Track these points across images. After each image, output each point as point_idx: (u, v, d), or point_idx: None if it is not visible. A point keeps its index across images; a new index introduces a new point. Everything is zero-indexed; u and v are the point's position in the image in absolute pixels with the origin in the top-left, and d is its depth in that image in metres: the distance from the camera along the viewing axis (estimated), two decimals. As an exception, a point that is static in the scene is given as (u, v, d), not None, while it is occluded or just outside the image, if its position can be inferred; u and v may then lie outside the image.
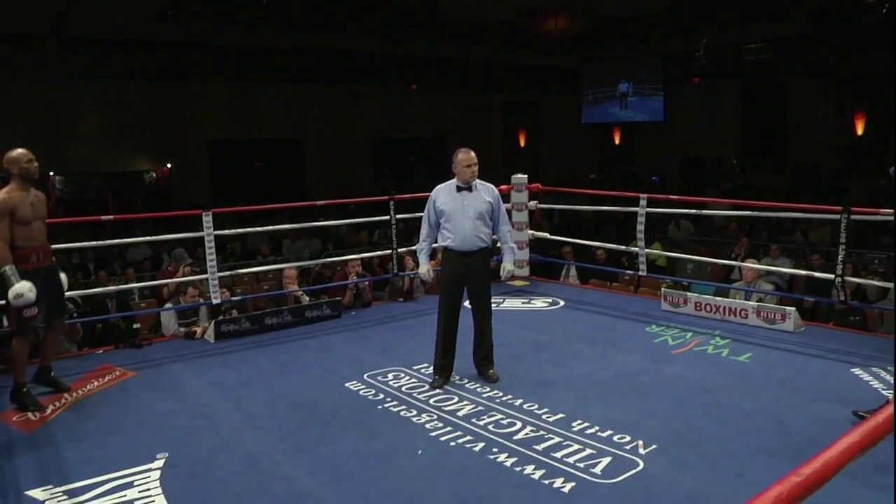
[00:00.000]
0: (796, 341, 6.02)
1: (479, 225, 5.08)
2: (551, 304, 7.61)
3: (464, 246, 5.08)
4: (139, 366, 5.90)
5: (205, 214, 6.64)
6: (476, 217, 5.07)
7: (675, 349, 5.91)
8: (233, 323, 6.70)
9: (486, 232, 5.14)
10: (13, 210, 4.76)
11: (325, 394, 5.04)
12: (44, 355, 5.30)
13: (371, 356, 5.90)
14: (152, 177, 19.05)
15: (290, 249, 13.50)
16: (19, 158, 4.89)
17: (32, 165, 4.93)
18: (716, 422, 4.34)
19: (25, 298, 4.65)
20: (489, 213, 5.15)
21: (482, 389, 5.00)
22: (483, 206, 5.10)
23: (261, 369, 5.68)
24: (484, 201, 5.12)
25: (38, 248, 4.92)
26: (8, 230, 4.74)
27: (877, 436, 1.54)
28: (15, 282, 4.64)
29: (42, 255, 4.96)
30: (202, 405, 4.93)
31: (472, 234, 5.06)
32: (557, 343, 6.17)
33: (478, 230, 5.08)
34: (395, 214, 7.72)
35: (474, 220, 5.06)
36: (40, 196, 5.06)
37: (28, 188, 4.92)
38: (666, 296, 7.20)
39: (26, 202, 4.85)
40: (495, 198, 5.22)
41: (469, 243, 5.07)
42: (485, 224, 5.12)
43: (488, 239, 5.18)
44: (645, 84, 22.34)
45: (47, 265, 5.01)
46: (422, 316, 7.20)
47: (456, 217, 5.07)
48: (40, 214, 4.99)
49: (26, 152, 4.94)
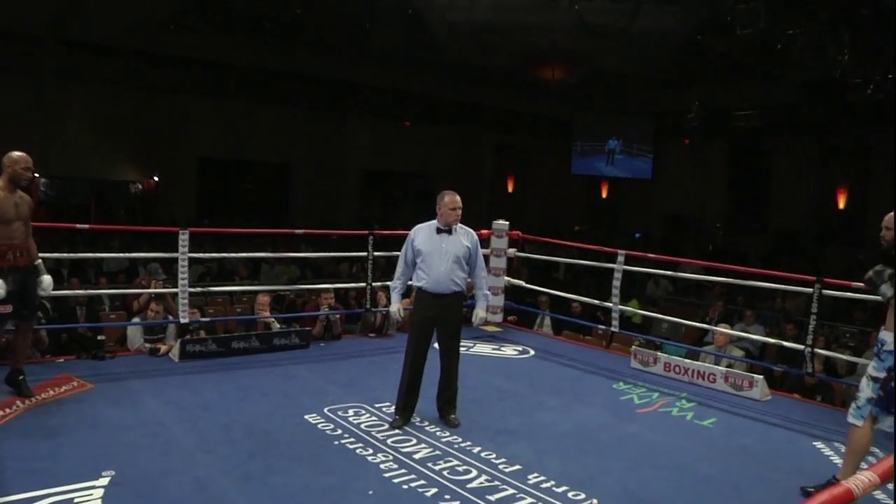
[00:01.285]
0: (761, 409, 6.02)
1: (455, 268, 5.07)
2: (521, 353, 7.57)
3: (437, 288, 5.05)
4: (99, 378, 5.80)
5: (181, 233, 6.59)
6: (453, 261, 5.05)
7: (640, 408, 5.88)
8: (199, 343, 6.62)
9: (462, 276, 5.13)
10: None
11: (283, 424, 4.97)
12: (16, 357, 5.28)
13: (334, 389, 5.84)
14: (138, 188, 18.92)
15: (267, 275, 13.41)
16: (17, 161, 4.98)
17: (27, 174, 5.03)
18: (672, 484, 4.31)
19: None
20: (466, 258, 5.14)
21: (441, 433, 4.95)
22: (461, 251, 5.10)
23: (221, 393, 5.60)
24: (462, 245, 5.12)
25: (15, 246, 4.97)
26: None
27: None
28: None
29: (19, 254, 5.00)
30: (157, 424, 4.84)
31: (446, 276, 5.04)
32: (522, 392, 6.13)
33: (453, 273, 5.06)
34: (374, 251, 7.69)
35: (451, 264, 5.05)
36: (25, 198, 5.12)
37: (14, 190, 5.00)
38: (636, 354, 7.19)
39: (9, 202, 4.92)
40: (474, 243, 5.22)
41: (443, 286, 5.04)
42: (461, 268, 5.11)
43: (463, 283, 5.16)
44: (633, 143, 22.56)
45: (24, 264, 5.06)
46: (391, 353, 7.14)
47: (433, 258, 5.05)
48: (22, 216, 5.03)
49: (26, 159, 5.03)
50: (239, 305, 10.48)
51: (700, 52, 15.08)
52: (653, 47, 14.94)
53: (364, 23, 14.71)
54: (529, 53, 16.19)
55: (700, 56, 15.41)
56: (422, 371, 5.16)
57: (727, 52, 14.21)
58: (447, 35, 14.93)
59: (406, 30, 15.03)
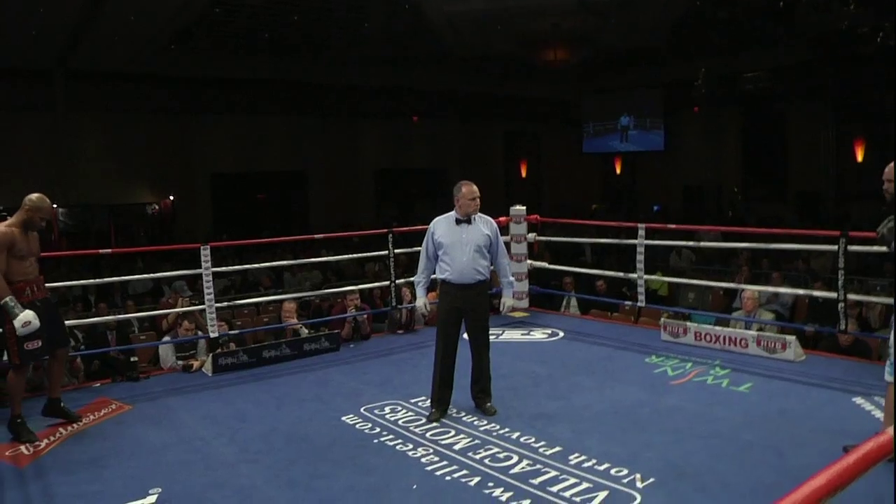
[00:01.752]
0: (797, 370, 5.97)
1: (478, 258, 5.08)
2: (550, 336, 7.56)
3: (462, 279, 5.06)
4: (136, 399, 5.86)
5: (203, 248, 6.64)
6: (475, 250, 5.06)
7: (674, 380, 5.85)
8: (230, 356, 6.67)
9: (484, 265, 5.14)
10: (11, 245, 4.87)
11: (321, 427, 4.99)
12: (51, 387, 5.33)
13: (368, 389, 5.86)
14: (155, 209, 19.12)
15: (290, 282, 13.49)
16: (39, 209, 5.01)
17: (42, 223, 5.09)
18: (714, 454, 4.28)
19: (33, 326, 4.78)
20: (487, 247, 5.15)
21: (479, 423, 4.95)
22: (482, 240, 5.10)
23: (257, 403, 5.64)
24: (483, 234, 5.12)
25: (31, 281, 5.02)
26: (4, 263, 4.83)
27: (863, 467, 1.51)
28: (19, 312, 4.76)
29: (36, 288, 5.05)
30: (197, 439, 4.89)
31: (470, 266, 5.05)
32: (556, 375, 6.12)
33: (476, 263, 5.07)
34: (395, 248, 7.71)
35: (472, 253, 5.05)
36: (34, 235, 5.17)
37: (27, 231, 5.04)
38: (666, 326, 7.16)
39: (24, 238, 4.99)
40: (494, 231, 5.23)
41: (467, 276, 5.06)
42: (483, 257, 5.12)
43: (486, 272, 5.16)
44: (646, 117, 22.44)
45: (42, 297, 5.10)
46: (420, 348, 7.15)
47: (454, 250, 5.06)
48: (34, 251, 5.10)
49: (47, 209, 5.09)
50: (265, 315, 10.54)
51: (703, 20, 14.95)
52: (653, 19, 14.84)
53: (363, 23, 14.73)
54: (530, 38, 16.15)
55: (703, 23, 15.28)
56: (453, 362, 5.17)
57: (729, 17, 14.08)
58: (447, 27, 14.92)
59: (406, 26, 15.04)
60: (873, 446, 1.59)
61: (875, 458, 1.56)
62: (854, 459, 1.53)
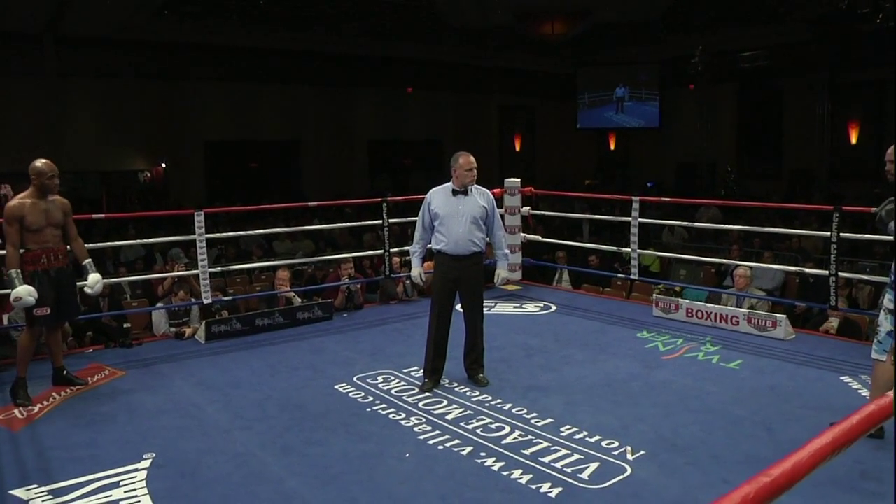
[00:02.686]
0: (787, 348, 6.03)
1: (473, 229, 5.08)
2: (543, 309, 7.60)
3: (457, 250, 5.07)
4: (129, 365, 5.89)
5: (196, 214, 6.64)
6: (471, 221, 5.07)
7: (665, 355, 5.91)
8: (223, 324, 6.69)
9: (480, 236, 5.14)
10: (22, 217, 4.94)
11: (315, 395, 5.03)
12: (53, 356, 5.37)
13: (361, 358, 5.90)
14: (147, 176, 19.00)
15: (282, 250, 13.47)
16: (43, 172, 5.04)
17: (53, 182, 5.08)
18: (704, 428, 4.34)
19: (24, 302, 4.83)
20: (483, 218, 5.15)
21: (471, 393, 5.00)
22: (478, 211, 5.11)
23: (251, 370, 5.67)
24: (479, 206, 5.12)
25: (48, 249, 5.07)
26: (17, 235, 4.93)
27: (848, 438, 1.55)
28: (18, 285, 4.83)
29: (54, 257, 5.10)
30: (191, 405, 4.92)
31: (465, 238, 5.06)
32: (548, 348, 6.17)
33: (472, 234, 5.08)
34: (389, 217, 7.71)
35: (468, 225, 5.06)
36: (59, 202, 5.19)
37: (45, 196, 5.08)
38: (657, 301, 7.20)
39: (38, 209, 5.02)
40: (490, 202, 5.23)
41: (462, 247, 5.07)
42: (479, 228, 5.12)
43: (482, 243, 5.17)
44: (641, 89, 22.37)
45: (58, 267, 5.13)
46: (413, 319, 7.19)
47: (450, 221, 5.07)
48: (54, 220, 5.11)
49: (51, 167, 5.07)
50: (258, 283, 10.55)
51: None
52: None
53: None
54: (527, 11, 16.04)
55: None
56: (447, 333, 5.20)
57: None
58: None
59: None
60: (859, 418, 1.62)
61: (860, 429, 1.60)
62: (840, 430, 1.57)
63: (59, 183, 5.15)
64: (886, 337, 3.95)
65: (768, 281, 9.68)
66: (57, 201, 5.17)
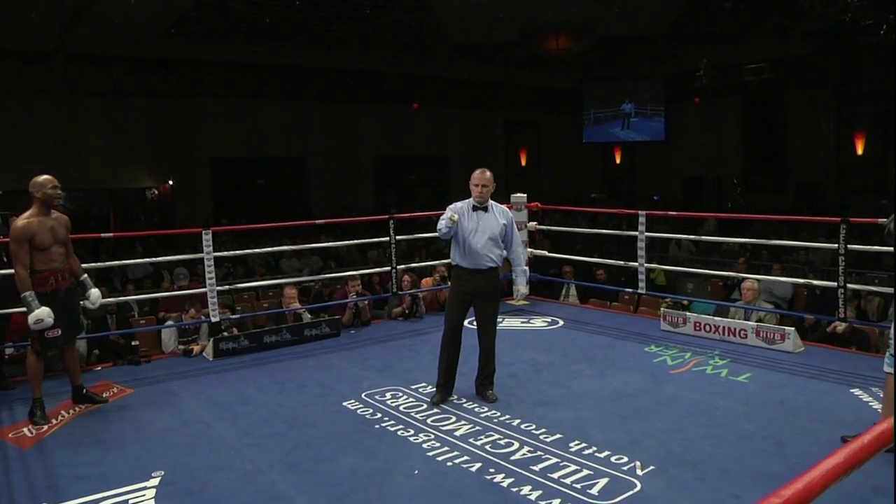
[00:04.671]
0: (796, 361, 6.00)
1: (491, 246, 5.17)
2: (550, 324, 7.61)
3: (473, 264, 5.16)
4: (137, 383, 5.90)
5: (204, 233, 6.66)
6: (489, 237, 5.16)
7: (673, 369, 5.90)
8: (231, 341, 6.70)
9: (497, 252, 5.22)
10: (32, 237, 4.93)
11: (323, 412, 5.03)
12: (72, 374, 5.39)
13: (369, 375, 5.90)
14: (154, 193, 19.08)
15: (289, 267, 13.49)
16: (44, 184, 5.02)
17: (56, 192, 5.07)
18: (714, 443, 4.32)
19: (45, 324, 4.86)
20: (502, 236, 5.25)
21: (480, 409, 4.99)
22: (497, 228, 5.20)
23: (259, 387, 5.67)
24: (498, 223, 5.22)
25: (56, 270, 5.06)
26: (27, 255, 4.91)
27: (862, 456, 1.53)
28: (35, 308, 4.83)
29: (61, 277, 5.09)
30: (199, 423, 4.92)
31: (482, 253, 5.15)
32: (556, 363, 6.16)
33: (489, 251, 5.16)
34: (396, 234, 7.73)
35: (486, 241, 5.16)
36: (62, 219, 5.19)
37: (49, 213, 5.07)
38: (665, 315, 7.20)
39: (45, 227, 5.00)
40: (509, 220, 5.33)
41: (478, 262, 5.16)
42: (496, 245, 5.21)
43: (498, 259, 5.25)
44: (647, 105, 22.43)
45: (66, 286, 5.15)
46: (421, 335, 7.20)
47: (469, 236, 5.16)
48: (60, 238, 5.11)
49: (51, 179, 5.07)
50: (265, 301, 10.56)
51: (705, 9, 14.91)
52: (656, 8, 14.80)
53: (365, 9, 14.68)
54: (532, 25, 16.11)
55: (706, 13, 15.24)
56: (458, 347, 5.25)
57: (732, 6, 14.04)
58: (449, 13, 14.87)
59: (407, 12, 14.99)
60: (872, 436, 1.61)
61: (874, 447, 1.59)
62: (853, 449, 1.55)
63: (62, 195, 5.15)
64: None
65: (777, 293, 9.66)
66: (60, 218, 5.17)
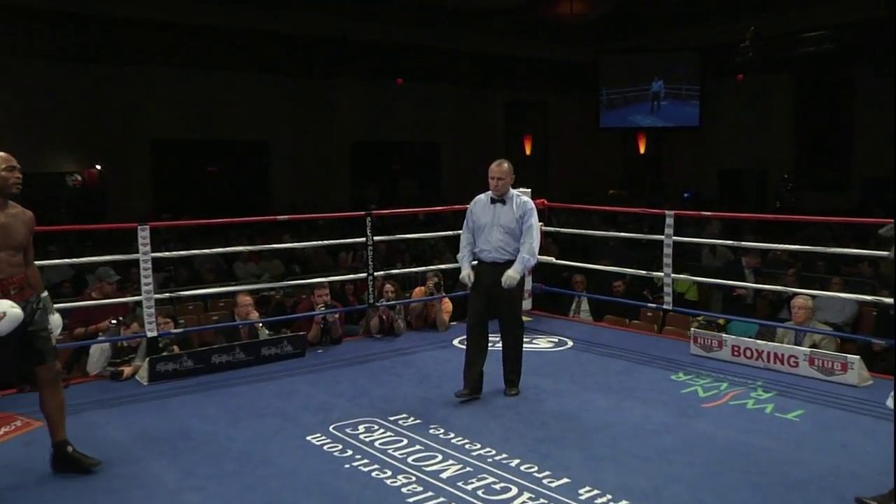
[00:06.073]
0: (861, 397, 5.96)
1: (507, 239, 5.95)
2: (557, 345, 7.63)
3: (490, 258, 5.97)
4: (52, 413, 5.79)
5: (140, 229, 6.60)
6: (505, 231, 5.95)
7: (706, 402, 5.89)
8: (172, 361, 6.64)
9: (515, 246, 5.94)
10: None
11: (282, 448, 5.01)
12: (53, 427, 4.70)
13: (340, 403, 5.88)
14: (77, 180, 18.82)
15: (244, 273, 13.42)
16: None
17: (12, 176, 4.39)
18: (756, 493, 4.29)
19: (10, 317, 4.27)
20: (518, 228, 5.96)
21: (472, 446, 4.96)
22: (511, 222, 5.95)
23: (205, 417, 5.64)
24: (513, 217, 5.96)
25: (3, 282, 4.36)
26: None
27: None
28: None
29: (6, 292, 4.36)
30: (130, 462, 4.86)
31: (497, 246, 5.95)
32: (564, 391, 6.16)
33: (506, 244, 5.94)
34: (374, 234, 7.69)
35: (502, 234, 5.95)
36: (21, 215, 4.53)
37: (4, 204, 4.42)
38: (696, 337, 7.19)
39: None
40: (525, 211, 5.98)
41: (495, 255, 5.95)
42: (513, 238, 5.96)
43: (517, 253, 5.91)
44: (682, 83, 22.22)
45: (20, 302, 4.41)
46: (402, 355, 7.19)
47: (485, 229, 6.00)
48: (15, 241, 4.43)
49: (6, 157, 4.42)
50: (215, 312, 10.49)
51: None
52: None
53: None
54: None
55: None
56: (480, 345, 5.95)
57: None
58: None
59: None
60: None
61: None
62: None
63: (19, 179, 4.45)
64: None
65: (836, 313, 9.60)
66: (19, 214, 4.49)
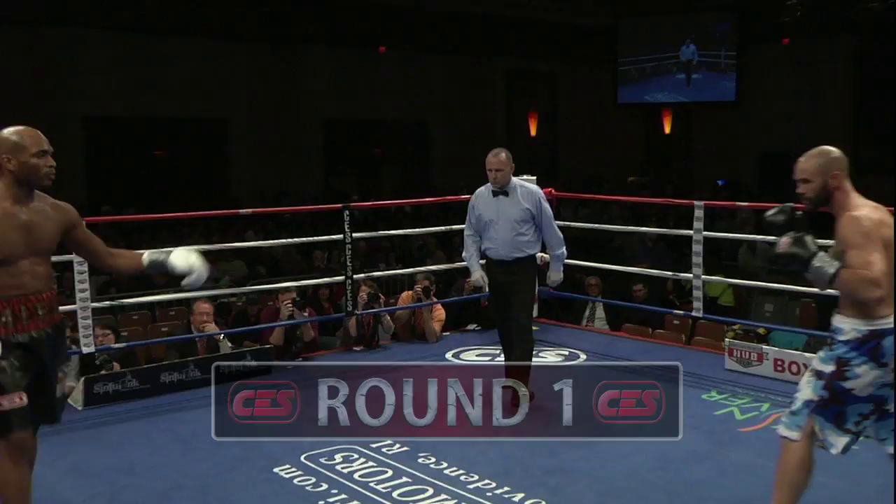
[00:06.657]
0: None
1: (516, 234, 6.15)
2: (568, 358, 7.66)
3: (499, 255, 6.21)
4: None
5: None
6: (512, 226, 6.14)
7: (744, 426, 5.92)
8: (112, 381, 6.61)
9: (525, 240, 6.18)
10: None
11: (245, 482, 5.02)
12: None
13: (312, 429, 5.86)
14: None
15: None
16: (21, 148, 3.78)
17: (44, 164, 3.83)
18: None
19: None
20: (529, 221, 6.19)
21: (468, 478, 4.97)
22: (520, 214, 6.15)
23: (152, 447, 5.64)
24: (522, 209, 6.15)
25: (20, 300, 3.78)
26: None
27: None
28: None
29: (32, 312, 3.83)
30: (60, 502, 4.85)
31: (505, 243, 6.15)
32: (576, 414, 6.15)
33: (515, 239, 6.15)
34: (353, 230, 7.69)
35: (509, 229, 6.14)
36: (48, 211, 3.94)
37: (27, 198, 3.84)
38: (732, 349, 7.21)
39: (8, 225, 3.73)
40: (536, 201, 6.23)
41: (504, 252, 6.17)
42: (522, 233, 6.16)
43: (528, 248, 6.22)
44: (721, 49, 22.00)
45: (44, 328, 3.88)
46: (387, 371, 7.17)
47: (491, 224, 6.21)
48: (38, 245, 3.87)
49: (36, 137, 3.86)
50: (165, 322, 10.48)
51: None
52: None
53: None
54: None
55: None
56: None
57: None
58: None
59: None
60: None
61: None
62: None
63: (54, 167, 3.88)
64: (802, 407, 3.86)
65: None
66: (47, 209, 3.93)
